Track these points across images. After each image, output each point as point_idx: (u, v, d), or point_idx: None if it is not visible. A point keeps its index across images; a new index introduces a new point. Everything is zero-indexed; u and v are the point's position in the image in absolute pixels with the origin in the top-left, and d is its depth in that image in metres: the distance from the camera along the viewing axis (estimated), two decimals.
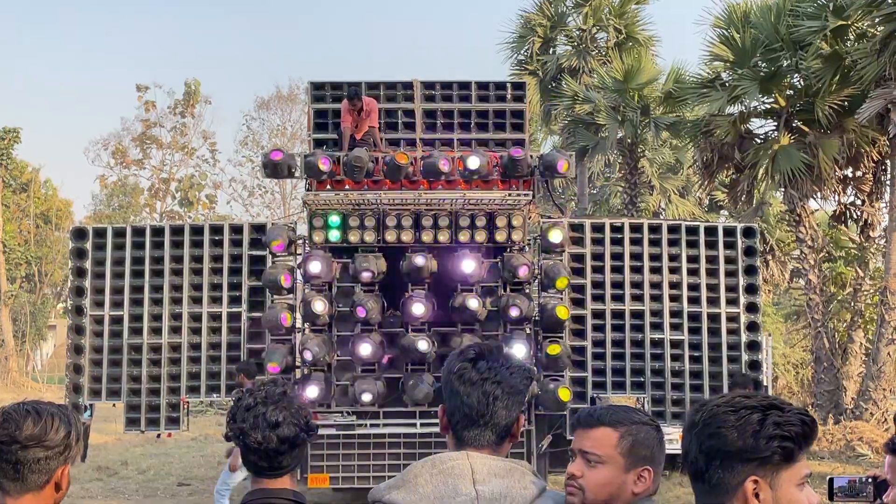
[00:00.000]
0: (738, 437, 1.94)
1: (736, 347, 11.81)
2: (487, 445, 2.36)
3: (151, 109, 52.33)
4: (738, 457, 1.95)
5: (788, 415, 1.95)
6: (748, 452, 1.94)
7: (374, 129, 11.72)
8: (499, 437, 2.37)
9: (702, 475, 2.02)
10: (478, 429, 2.35)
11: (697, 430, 2.02)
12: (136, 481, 15.99)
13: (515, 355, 2.54)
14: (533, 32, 28.28)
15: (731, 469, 1.96)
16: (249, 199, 51.28)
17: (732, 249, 11.97)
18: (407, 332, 11.29)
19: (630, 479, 2.46)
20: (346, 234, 11.53)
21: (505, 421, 2.37)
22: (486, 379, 2.35)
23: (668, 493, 14.35)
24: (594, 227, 12.10)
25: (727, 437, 1.95)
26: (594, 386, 11.81)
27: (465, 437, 2.36)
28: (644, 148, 27.72)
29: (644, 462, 2.49)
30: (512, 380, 2.37)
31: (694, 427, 2.03)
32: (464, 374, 2.37)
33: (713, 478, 1.98)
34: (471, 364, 2.38)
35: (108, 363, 11.71)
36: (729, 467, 1.96)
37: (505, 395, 2.35)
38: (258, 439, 2.74)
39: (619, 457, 2.45)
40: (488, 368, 2.36)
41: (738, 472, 1.95)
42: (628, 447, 2.46)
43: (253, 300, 11.80)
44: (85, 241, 11.87)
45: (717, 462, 1.97)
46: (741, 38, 20.04)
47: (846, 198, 22.26)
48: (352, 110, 11.72)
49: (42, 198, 48.84)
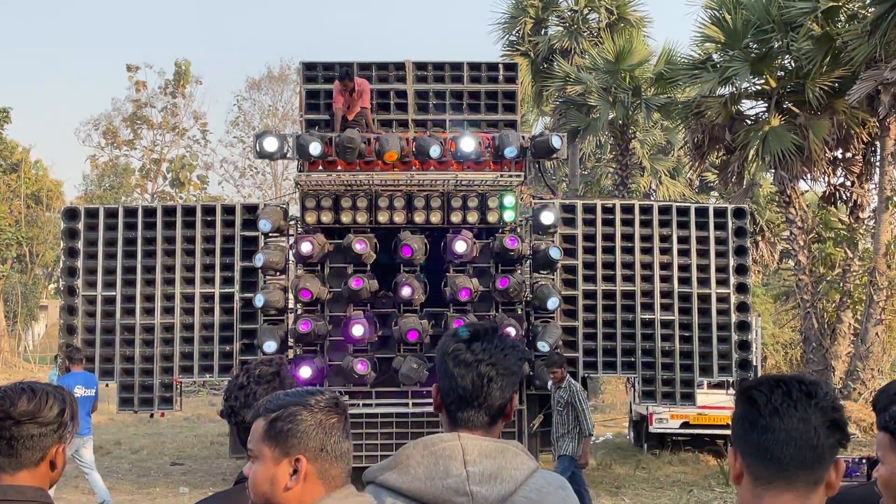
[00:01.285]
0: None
1: (726, 328, 11.90)
2: (481, 426, 2.38)
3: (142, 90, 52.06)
4: None
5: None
6: None
7: (365, 110, 11.72)
8: (492, 417, 2.39)
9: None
10: (472, 410, 2.37)
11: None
12: (130, 461, 16.05)
13: (510, 335, 2.56)
14: (524, 13, 28.22)
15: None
16: (241, 180, 51.10)
17: (723, 230, 12.05)
18: (399, 313, 11.35)
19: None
20: (339, 214, 11.57)
21: (499, 402, 2.39)
22: (481, 360, 2.37)
23: (658, 472, 14.48)
24: (586, 209, 12.16)
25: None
26: (585, 366, 11.90)
27: (458, 418, 2.39)
28: (635, 129, 27.72)
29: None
30: (506, 361, 2.39)
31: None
32: (458, 355, 2.39)
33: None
34: (465, 345, 2.40)
35: (101, 343, 11.74)
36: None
37: (499, 376, 2.37)
38: (247, 419, 2.76)
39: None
40: (483, 350, 2.38)
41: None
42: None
43: (245, 281, 11.83)
44: (77, 221, 11.87)
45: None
46: (732, 19, 20.03)
47: (836, 179, 22.33)
48: (343, 91, 11.71)
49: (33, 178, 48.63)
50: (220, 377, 12.09)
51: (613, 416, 23.01)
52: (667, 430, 16.28)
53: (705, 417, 15.73)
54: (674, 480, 13.84)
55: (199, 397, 27.84)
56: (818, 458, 1.90)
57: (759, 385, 1.95)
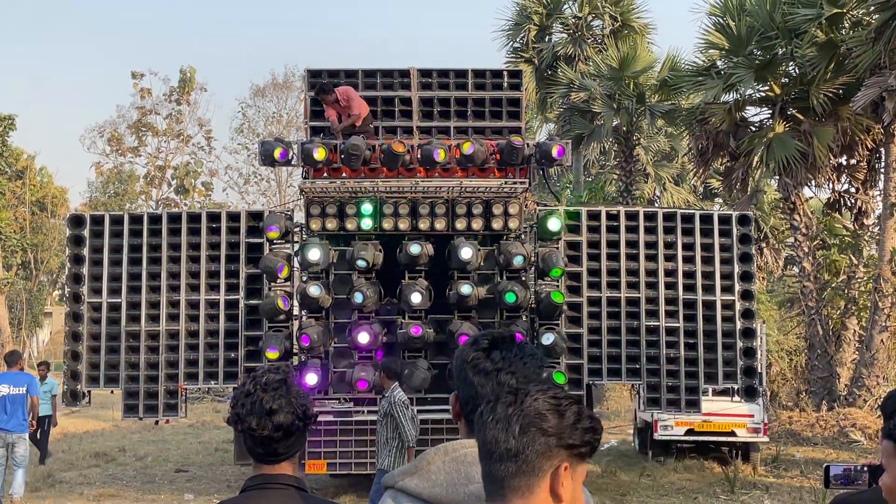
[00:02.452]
0: None
1: (731, 335, 11.89)
2: None
3: (147, 97, 52.18)
4: None
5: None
6: None
7: (368, 116, 11.73)
8: None
9: None
10: None
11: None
12: (134, 468, 16.06)
13: (528, 344, 2.56)
14: (529, 20, 28.26)
15: None
16: (245, 187, 51.19)
17: (727, 237, 12.04)
18: (404, 320, 11.36)
19: None
20: (344, 221, 11.59)
21: None
22: (501, 369, 2.36)
23: (663, 479, 14.46)
24: (590, 216, 12.16)
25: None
26: (590, 373, 11.89)
27: None
28: (639, 136, 27.74)
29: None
30: (526, 369, 2.39)
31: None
32: (478, 363, 2.39)
33: None
34: (484, 353, 2.40)
35: (106, 350, 11.75)
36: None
37: (519, 384, 2.38)
38: (252, 425, 2.77)
39: None
40: (502, 358, 2.38)
41: None
42: None
43: (250, 287, 11.83)
44: (82, 228, 11.89)
45: None
46: (736, 26, 20.05)
47: (840, 186, 22.33)
48: (329, 103, 11.79)
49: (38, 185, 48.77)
50: (224, 384, 12.09)
51: (618, 423, 22.96)
52: (672, 438, 16.25)
53: (710, 424, 15.70)
54: (679, 488, 13.81)
55: (204, 404, 27.84)
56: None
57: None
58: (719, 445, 16.17)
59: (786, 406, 22.25)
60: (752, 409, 15.52)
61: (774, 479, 14.92)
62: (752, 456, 15.99)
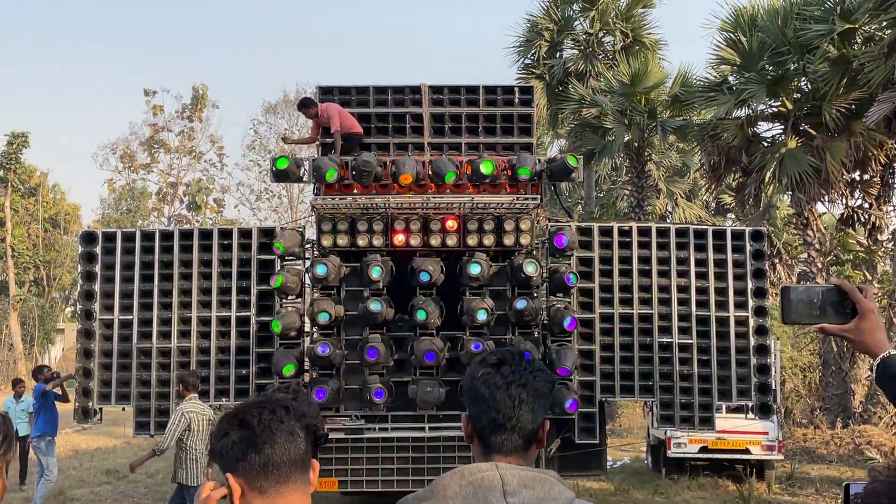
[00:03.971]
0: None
1: (745, 351, 11.80)
2: (514, 451, 2.36)
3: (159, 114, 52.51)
4: None
5: None
6: None
7: (337, 133, 11.79)
8: (526, 441, 2.38)
9: None
10: (504, 433, 2.36)
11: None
12: (146, 485, 16.03)
13: (536, 360, 2.55)
14: (540, 36, 28.31)
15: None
16: (257, 203, 51.35)
17: (741, 253, 11.96)
18: (416, 336, 11.32)
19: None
20: (355, 237, 11.57)
21: (531, 425, 2.38)
22: (511, 382, 2.37)
23: (676, 497, 14.35)
24: (602, 231, 12.10)
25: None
26: (602, 390, 11.81)
27: (491, 443, 2.37)
28: (651, 151, 27.72)
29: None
30: (536, 383, 2.39)
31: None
32: (488, 378, 2.39)
33: None
34: (494, 369, 2.40)
35: (118, 367, 11.73)
36: None
37: (530, 397, 2.37)
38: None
39: None
40: (512, 372, 2.38)
41: None
42: None
43: (262, 304, 11.81)
44: (95, 245, 11.90)
45: None
46: (748, 41, 20.03)
47: (854, 201, 22.24)
48: (312, 117, 12.01)
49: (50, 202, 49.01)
50: (235, 401, 12.06)
51: (631, 440, 22.83)
52: (685, 455, 16.15)
53: (724, 442, 15.59)
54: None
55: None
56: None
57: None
58: (733, 463, 16.06)
59: (800, 423, 22.08)
60: (767, 426, 15.42)
61: (789, 497, 14.79)
62: (767, 474, 15.87)
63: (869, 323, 2.48)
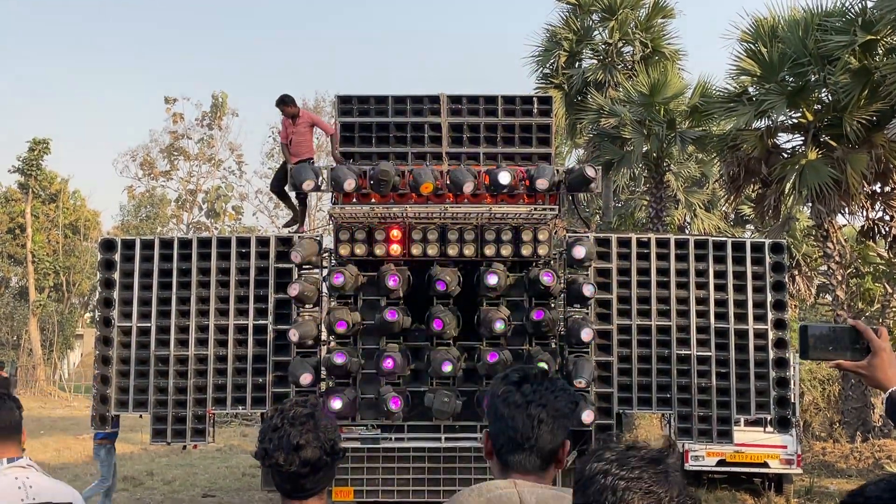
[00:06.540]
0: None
1: (763, 364, 11.71)
2: (532, 471, 2.34)
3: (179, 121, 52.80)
4: None
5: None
6: None
7: (333, 137, 12.20)
8: (544, 461, 2.35)
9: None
10: (523, 453, 2.34)
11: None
12: (162, 492, 16.06)
13: (559, 379, 2.51)
14: (559, 46, 28.29)
15: None
16: (275, 211, 51.50)
17: (760, 265, 11.88)
18: (432, 346, 11.30)
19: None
20: (372, 247, 11.57)
21: (550, 445, 2.35)
22: (531, 402, 2.34)
23: None
24: (620, 242, 12.05)
25: None
26: (620, 402, 11.75)
27: (510, 462, 2.35)
28: (669, 162, 27.63)
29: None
30: (557, 402, 2.36)
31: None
32: (508, 397, 2.36)
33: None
34: (515, 387, 2.37)
35: (135, 374, 11.76)
36: None
37: (550, 418, 2.34)
38: (280, 461, 2.73)
39: None
40: (533, 391, 2.35)
41: None
42: None
43: (279, 313, 11.83)
44: (114, 252, 11.95)
45: None
46: (769, 52, 19.95)
47: (874, 213, 22.09)
48: (285, 119, 12.56)
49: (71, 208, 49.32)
50: (252, 409, 12.07)
51: None
52: (703, 468, 16.04)
53: (742, 455, 15.48)
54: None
55: (232, 428, 27.86)
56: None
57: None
58: (752, 476, 15.93)
59: (819, 437, 21.90)
60: (786, 440, 15.30)
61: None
62: (786, 488, 15.74)
63: (881, 360, 2.59)
